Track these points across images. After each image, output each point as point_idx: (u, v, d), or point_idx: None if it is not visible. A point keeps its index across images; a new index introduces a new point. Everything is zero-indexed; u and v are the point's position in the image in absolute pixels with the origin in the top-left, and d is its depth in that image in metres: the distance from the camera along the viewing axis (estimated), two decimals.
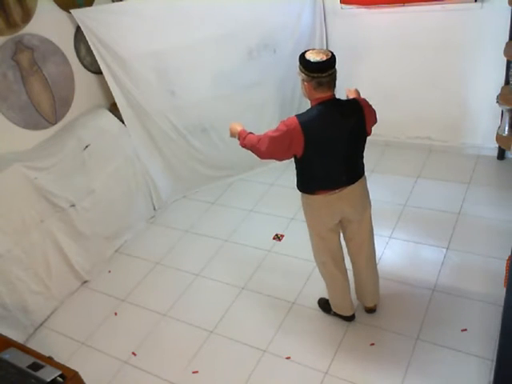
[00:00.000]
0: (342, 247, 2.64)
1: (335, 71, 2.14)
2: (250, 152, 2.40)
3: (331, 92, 2.18)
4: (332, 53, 2.11)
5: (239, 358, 2.76)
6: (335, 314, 2.83)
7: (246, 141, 2.37)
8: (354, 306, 2.82)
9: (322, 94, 2.15)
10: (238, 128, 2.45)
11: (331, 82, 2.15)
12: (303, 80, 2.16)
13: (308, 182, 2.36)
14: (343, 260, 2.66)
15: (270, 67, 3.96)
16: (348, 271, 2.72)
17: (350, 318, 2.80)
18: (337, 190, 2.32)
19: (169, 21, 3.57)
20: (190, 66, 3.76)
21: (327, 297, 2.83)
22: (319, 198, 2.35)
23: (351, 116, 2.21)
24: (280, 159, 2.30)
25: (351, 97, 2.41)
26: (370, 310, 2.83)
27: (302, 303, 3.01)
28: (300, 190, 2.43)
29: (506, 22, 3.31)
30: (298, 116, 2.19)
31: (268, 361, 2.71)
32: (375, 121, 2.38)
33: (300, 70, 2.15)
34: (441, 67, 3.80)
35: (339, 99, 2.24)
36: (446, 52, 3.71)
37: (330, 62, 2.08)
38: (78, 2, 3.53)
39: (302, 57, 2.12)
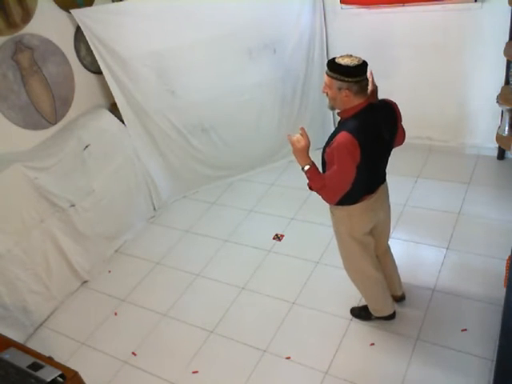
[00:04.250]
0: None
1: None
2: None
3: (368, 95, 2.13)
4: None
5: (239, 357, 2.76)
6: (377, 318, 2.78)
7: (313, 183, 2.21)
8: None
9: (361, 99, 2.09)
10: (305, 160, 2.19)
11: (367, 85, 2.12)
12: (341, 88, 2.04)
13: (353, 193, 2.23)
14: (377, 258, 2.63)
15: (270, 67, 3.96)
16: None
17: (392, 316, 2.75)
18: (374, 194, 2.32)
19: (169, 21, 3.58)
20: (190, 66, 3.76)
21: (355, 304, 2.84)
22: (361, 206, 2.30)
23: (389, 117, 2.22)
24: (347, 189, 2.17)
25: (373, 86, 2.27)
26: (401, 298, 2.83)
27: (302, 303, 3.01)
28: (340, 204, 2.27)
29: (505, 22, 3.31)
30: (347, 131, 2.04)
31: (268, 361, 2.71)
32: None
33: (338, 79, 2.03)
34: (441, 67, 3.79)
35: (373, 103, 2.17)
36: (446, 52, 3.71)
37: (365, 63, 2.05)
38: (77, 1, 3.53)
39: (338, 65, 2.02)
